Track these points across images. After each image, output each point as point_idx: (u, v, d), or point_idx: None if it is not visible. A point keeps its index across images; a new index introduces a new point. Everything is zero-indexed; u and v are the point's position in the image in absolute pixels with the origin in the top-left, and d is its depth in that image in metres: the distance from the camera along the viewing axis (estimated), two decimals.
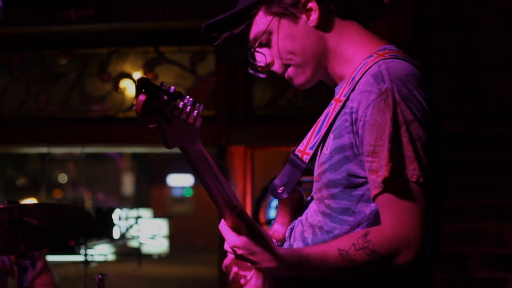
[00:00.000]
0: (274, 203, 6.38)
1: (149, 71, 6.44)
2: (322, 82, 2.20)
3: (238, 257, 1.95)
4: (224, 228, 1.97)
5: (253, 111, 6.19)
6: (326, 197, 2.01)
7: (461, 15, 4.48)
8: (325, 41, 2.09)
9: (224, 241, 2.00)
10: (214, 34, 2.15)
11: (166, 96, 1.76)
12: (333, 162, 1.98)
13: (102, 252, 8.66)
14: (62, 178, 18.72)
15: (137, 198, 22.55)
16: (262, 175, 6.70)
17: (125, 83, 6.48)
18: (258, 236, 1.92)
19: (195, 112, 1.87)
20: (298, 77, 2.13)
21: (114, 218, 7.00)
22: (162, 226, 9.83)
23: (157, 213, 20.00)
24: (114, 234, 7.04)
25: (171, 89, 1.78)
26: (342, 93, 2.03)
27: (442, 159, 1.97)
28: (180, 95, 1.80)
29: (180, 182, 22.62)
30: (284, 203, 2.15)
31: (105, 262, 7.50)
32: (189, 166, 1.91)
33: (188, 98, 1.84)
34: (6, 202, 2.87)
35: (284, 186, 2.08)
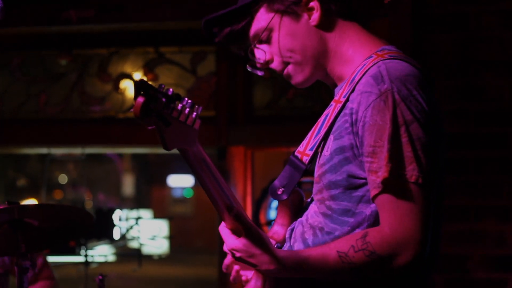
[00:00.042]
0: (275, 204, 6.38)
1: (149, 72, 6.43)
2: (322, 82, 2.20)
3: (237, 259, 1.95)
4: (223, 230, 1.97)
5: (253, 112, 6.19)
6: (326, 198, 2.01)
7: (461, 15, 4.48)
8: (325, 40, 2.09)
9: (224, 242, 2.00)
10: (214, 29, 2.14)
11: (164, 98, 1.76)
12: (333, 163, 1.98)
13: (103, 253, 8.66)
14: (63, 179, 18.73)
15: (137, 198, 22.55)
16: (262, 176, 6.70)
17: (125, 84, 6.48)
18: (256, 238, 1.91)
19: (194, 114, 1.87)
20: (296, 75, 2.13)
21: (115, 219, 7.00)
22: (162, 226, 9.84)
23: (157, 213, 20.02)
24: (115, 235, 7.04)
25: (170, 91, 1.78)
26: (341, 94, 2.03)
27: (442, 160, 1.97)
28: (178, 97, 1.80)
29: (180, 182, 22.62)
30: (284, 204, 2.15)
31: (105, 263, 7.49)
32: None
33: (186, 100, 1.84)
34: (7, 202, 2.87)
35: (284, 188, 2.08)
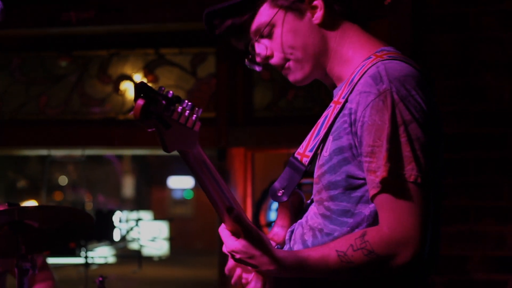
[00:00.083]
0: (275, 206, 6.38)
1: (149, 73, 6.43)
2: (322, 84, 2.20)
3: (237, 261, 1.95)
4: (223, 232, 1.97)
5: (253, 113, 6.19)
6: (325, 199, 2.01)
7: (461, 16, 4.48)
8: (326, 39, 2.10)
9: (223, 244, 1.99)
10: (215, 21, 2.14)
11: (164, 100, 1.76)
12: (332, 164, 1.98)
13: (103, 254, 8.67)
14: (63, 180, 18.72)
15: (137, 200, 22.55)
16: (262, 177, 6.70)
17: (125, 85, 6.47)
18: (256, 239, 1.91)
19: (194, 116, 1.87)
20: (296, 72, 2.14)
21: (115, 220, 7.00)
22: (162, 228, 9.84)
23: (157, 215, 20.02)
24: (115, 236, 7.05)
25: (170, 93, 1.78)
26: (341, 95, 2.03)
27: (440, 160, 1.97)
28: (178, 100, 1.80)
29: (180, 184, 22.62)
30: (284, 206, 2.15)
31: (105, 265, 7.50)
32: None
33: (186, 102, 1.84)
34: (7, 204, 2.88)
35: (284, 189, 2.08)
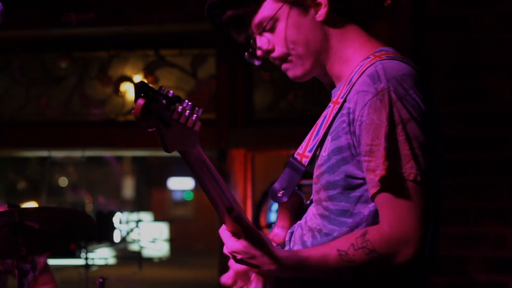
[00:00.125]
0: (275, 207, 6.37)
1: (149, 75, 6.43)
2: (322, 85, 2.20)
3: (238, 261, 1.95)
4: (224, 232, 1.97)
5: (253, 114, 6.18)
6: (324, 199, 2.01)
7: (461, 17, 4.49)
8: (328, 37, 2.10)
9: (224, 244, 1.99)
10: (217, 11, 2.13)
11: (165, 100, 1.76)
12: (330, 163, 1.98)
13: (103, 255, 8.65)
14: (63, 182, 18.72)
15: (137, 201, 22.55)
16: (262, 179, 6.70)
17: (125, 87, 6.47)
18: (256, 239, 1.91)
19: (194, 116, 1.87)
20: (296, 68, 2.13)
21: (115, 221, 7.00)
22: (162, 229, 9.84)
23: (157, 216, 20.03)
24: (115, 237, 7.04)
25: (170, 93, 1.78)
26: (339, 95, 2.03)
27: (439, 160, 1.97)
28: (179, 99, 1.80)
29: (180, 185, 22.62)
30: (284, 207, 2.14)
31: (106, 266, 7.48)
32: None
33: (187, 102, 1.84)
34: (7, 205, 2.88)
35: (284, 190, 2.08)
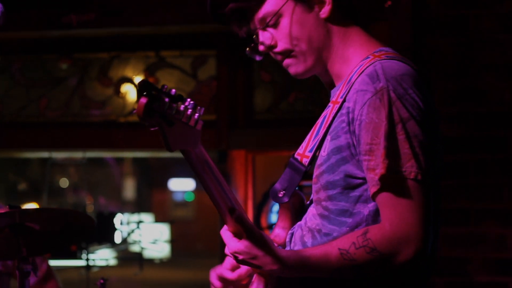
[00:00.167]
0: (276, 208, 6.37)
1: (150, 76, 6.43)
2: (323, 86, 2.20)
3: (239, 262, 1.95)
4: (225, 233, 1.97)
5: (254, 116, 6.18)
6: (323, 199, 2.01)
7: (461, 18, 4.49)
8: (331, 35, 2.10)
9: (225, 245, 1.99)
10: (220, 2, 2.12)
11: (167, 98, 1.76)
12: (330, 163, 1.99)
13: (104, 256, 8.64)
14: (64, 183, 18.71)
15: (138, 202, 22.52)
16: (263, 180, 6.69)
17: (126, 88, 6.47)
18: (258, 239, 1.91)
19: (196, 115, 1.87)
20: (298, 65, 2.13)
21: (116, 222, 6.99)
22: (163, 230, 9.82)
23: (158, 217, 20.00)
24: (116, 238, 7.03)
25: (172, 91, 1.78)
26: (339, 95, 2.04)
27: (438, 160, 1.97)
28: (181, 98, 1.80)
29: (181, 186, 22.61)
30: (285, 207, 2.14)
31: (107, 267, 7.49)
32: (190, 170, 1.91)
33: (189, 101, 1.84)
34: (8, 207, 2.88)
35: (284, 190, 2.08)
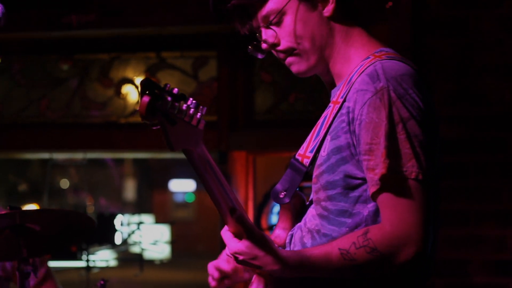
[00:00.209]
0: (276, 209, 6.37)
1: (151, 77, 6.43)
2: (323, 86, 2.20)
3: (240, 262, 1.95)
4: (225, 234, 1.97)
5: (254, 116, 6.18)
6: (323, 199, 2.01)
7: (461, 19, 4.49)
8: (333, 34, 2.10)
9: (225, 246, 1.99)
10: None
11: (170, 97, 1.76)
12: (330, 163, 1.99)
13: (104, 257, 8.64)
14: (64, 184, 18.70)
15: (139, 203, 22.52)
16: (264, 181, 6.69)
17: (127, 89, 6.48)
18: (258, 239, 1.91)
19: (199, 114, 1.87)
20: (301, 63, 2.13)
21: (116, 223, 7.00)
22: (164, 231, 9.80)
23: (159, 218, 19.98)
24: (116, 239, 7.04)
25: (175, 90, 1.78)
26: (339, 95, 2.04)
27: (438, 161, 1.97)
28: (183, 97, 1.81)
29: (182, 187, 22.62)
30: (285, 208, 2.14)
31: (107, 268, 7.49)
32: (191, 170, 1.90)
33: (191, 100, 1.84)
34: (8, 208, 2.88)
35: (285, 191, 2.08)
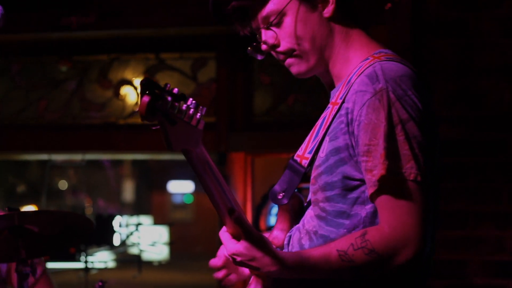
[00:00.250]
0: (275, 210, 6.37)
1: (150, 78, 6.43)
2: (322, 88, 2.20)
3: (238, 263, 1.94)
4: (224, 234, 1.96)
5: (253, 118, 6.18)
6: (321, 200, 2.01)
7: (460, 20, 4.49)
8: (333, 35, 2.11)
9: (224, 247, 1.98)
10: (222, 0, 2.12)
11: (170, 97, 1.76)
12: (328, 164, 1.99)
13: (103, 259, 8.65)
14: (63, 185, 18.69)
15: (137, 204, 22.52)
16: (262, 182, 6.69)
17: (126, 90, 6.47)
18: (257, 240, 1.91)
19: (198, 114, 1.87)
20: (300, 64, 2.13)
21: (115, 225, 6.99)
22: (162, 233, 9.81)
23: (157, 219, 19.99)
24: (115, 241, 7.03)
25: (175, 90, 1.78)
26: (338, 96, 2.04)
27: (437, 162, 1.97)
28: (183, 97, 1.80)
29: (180, 188, 22.61)
30: (284, 209, 2.14)
31: (105, 269, 7.47)
32: (190, 172, 1.90)
33: (191, 100, 1.84)
34: (7, 209, 2.88)
35: (284, 192, 2.08)
